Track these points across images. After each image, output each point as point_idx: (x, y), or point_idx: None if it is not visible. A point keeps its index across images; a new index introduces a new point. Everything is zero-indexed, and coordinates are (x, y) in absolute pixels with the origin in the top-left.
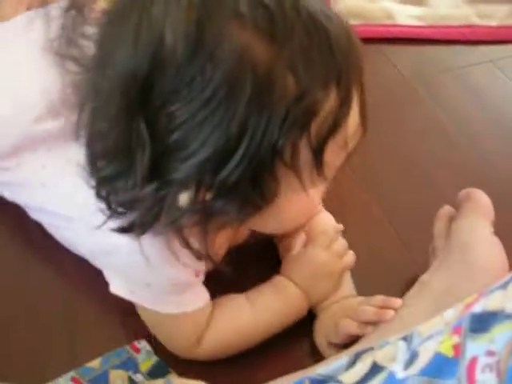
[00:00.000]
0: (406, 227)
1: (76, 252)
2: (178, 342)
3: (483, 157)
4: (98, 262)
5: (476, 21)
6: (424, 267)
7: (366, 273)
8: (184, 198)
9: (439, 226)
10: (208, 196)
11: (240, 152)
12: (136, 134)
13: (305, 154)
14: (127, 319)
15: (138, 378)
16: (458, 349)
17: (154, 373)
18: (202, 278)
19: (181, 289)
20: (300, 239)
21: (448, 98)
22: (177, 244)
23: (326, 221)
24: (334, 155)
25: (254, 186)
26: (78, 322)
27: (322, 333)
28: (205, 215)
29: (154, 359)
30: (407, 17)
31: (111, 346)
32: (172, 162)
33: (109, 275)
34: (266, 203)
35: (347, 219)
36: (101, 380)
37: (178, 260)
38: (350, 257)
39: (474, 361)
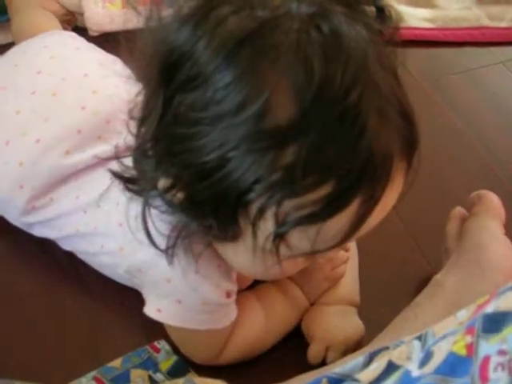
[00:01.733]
0: (419, 227)
1: (111, 276)
2: (201, 355)
3: (495, 157)
4: (135, 279)
5: (486, 22)
6: (435, 266)
7: (379, 272)
8: (161, 183)
9: (451, 226)
10: (179, 195)
11: (214, 178)
12: (155, 102)
13: (268, 223)
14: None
15: (158, 377)
16: (471, 348)
17: (173, 372)
18: (233, 298)
19: (211, 309)
20: None
21: (459, 99)
22: (209, 264)
23: None
24: (298, 242)
25: (215, 216)
26: (102, 326)
27: (310, 327)
28: (171, 210)
29: (174, 358)
30: (418, 19)
31: (132, 348)
32: (165, 149)
33: (145, 294)
34: (225, 237)
35: None
36: (122, 379)
37: (210, 279)
38: (341, 270)
39: (486, 360)
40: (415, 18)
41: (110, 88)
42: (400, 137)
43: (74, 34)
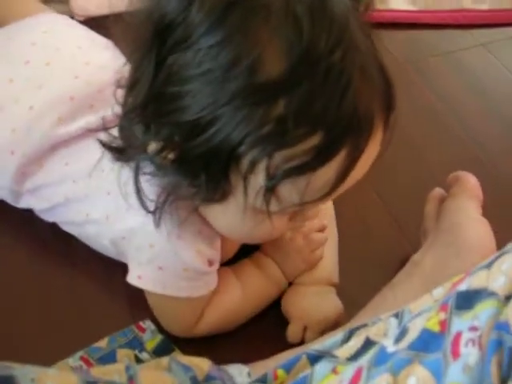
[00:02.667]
0: (399, 207)
1: (96, 247)
2: (178, 324)
3: (474, 139)
4: (119, 249)
5: (468, 5)
6: (416, 247)
7: (359, 251)
8: (152, 147)
9: (429, 207)
10: (170, 156)
11: (207, 135)
12: (146, 66)
13: (259, 176)
14: (133, 302)
15: (144, 356)
16: (444, 325)
17: (159, 351)
18: (215, 267)
19: (191, 276)
20: None
21: (440, 81)
22: (190, 230)
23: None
24: (288, 194)
25: (207, 172)
26: (88, 306)
27: (289, 306)
28: (162, 172)
29: (159, 338)
30: (399, 2)
31: (118, 327)
32: (156, 111)
33: (128, 263)
34: (214, 197)
35: (341, 200)
36: (108, 359)
37: (191, 244)
38: (319, 252)
39: (458, 336)
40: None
41: (102, 61)
42: (380, 94)
43: (66, 16)
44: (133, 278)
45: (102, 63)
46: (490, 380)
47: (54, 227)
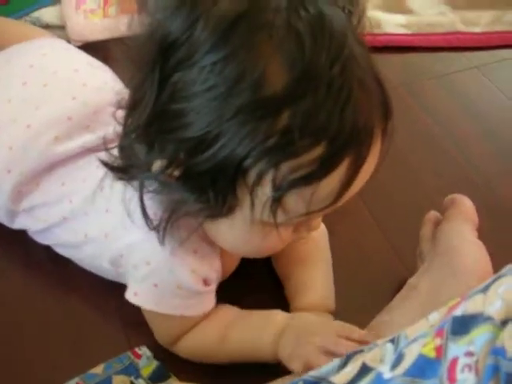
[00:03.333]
0: (395, 231)
1: (93, 269)
2: (162, 334)
3: (470, 162)
4: (120, 269)
5: (461, 27)
6: (412, 270)
7: (355, 275)
8: (157, 165)
9: (425, 230)
10: (175, 173)
11: (213, 149)
12: (148, 85)
13: (266, 188)
14: (129, 327)
15: (140, 382)
16: (440, 350)
17: (155, 377)
18: (213, 287)
19: (186, 294)
20: None
21: (435, 104)
22: (186, 249)
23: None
24: (294, 205)
25: (214, 187)
26: (83, 331)
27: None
28: (166, 190)
29: (155, 364)
30: (393, 25)
31: (114, 354)
32: (161, 129)
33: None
34: (221, 212)
35: (337, 222)
36: None
37: (186, 263)
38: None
39: (454, 361)
40: (390, 23)
41: (99, 83)
42: (378, 104)
43: (63, 40)
44: (130, 295)
45: (99, 85)
46: None
47: (48, 249)
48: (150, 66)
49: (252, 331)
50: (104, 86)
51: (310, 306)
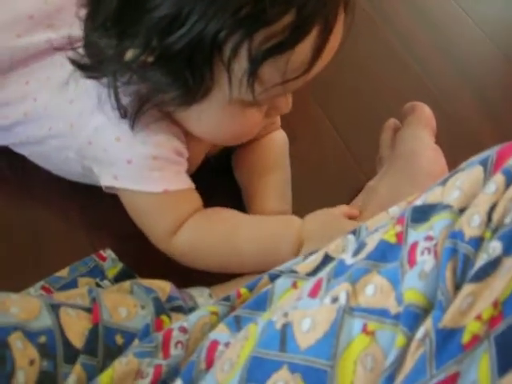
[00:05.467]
0: (355, 140)
1: (58, 167)
2: (157, 228)
3: (427, 73)
4: (85, 160)
5: None
6: (370, 176)
7: (316, 181)
8: (129, 54)
9: (385, 136)
10: (149, 59)
11: (187, 26)
12: None
13: (242, 61)
14: (92, 232)
15: (106, 284)
16: (401, 236)
17: (120, 279)
18: (183, 158)
19: (163, 165)
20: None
21: (396, 18)
22: (158, 123)
23: (277, 140)
24: (270, 75)
25: (190, 67)
26: (47, 237)
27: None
28: (141, 77)
29: (120, 266)
30: None
31: (78, 258)
32: (133, 13)
33: (98, 172)
34: (197, 93)
35: (298, 132)
36: (70, 287)
37: (158, 133)
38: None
39: (414, 245)
40: None
41: None
42: None
43: None
44: (107, 181)
45: None
46: (445, 285)
47: (4, 156)
48: None
49: (268, 232)
50: None
51: (265, 212)
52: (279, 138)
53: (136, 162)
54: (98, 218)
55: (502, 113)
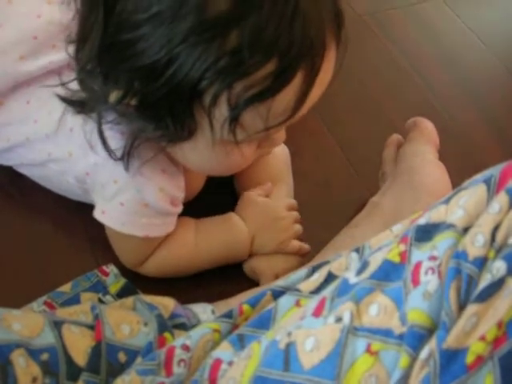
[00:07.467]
0: (358, 155)
1: (59, 188)
2: (128, 256)
3: (431, 88)
4: (85, 185)
5: None
6: (374, 192)
7: (319, 196)
8: (113, 96)
9: (388, 152)
10: (133, 102)
11: (166, 76)
12: (95, 17)
13: (222, 108)
14: (96, 247)
15: (108, 299)
16: (405, 255)
17: (122, 294)
18: (179, 209)
19: (152, 214)
20: (265, 187)
21: (400, 34)
22: (153, 168)
23: (279, 155)
24: (252, 122)
25: (171, 113)
26: (51, 251)
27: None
28: (126, 120)
29: (123, 281)
30: None
31: (81, 272)
32: (113, 60)
33: (95, 200)
34: (182, 136)
35: (301, 147)
36: (72, 303)
37: (154, 182)
38: (298, 227)
39: (418, 265)
40: None
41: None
42: (328, 12)
43: None
44: (98, 213)
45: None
46: (449, 305)
47: (10, 173)
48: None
49: (221, 235)
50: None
51: None
52: (281, 153)
53: (128, 206)
54: (102, 233)
55: (507, 129)
